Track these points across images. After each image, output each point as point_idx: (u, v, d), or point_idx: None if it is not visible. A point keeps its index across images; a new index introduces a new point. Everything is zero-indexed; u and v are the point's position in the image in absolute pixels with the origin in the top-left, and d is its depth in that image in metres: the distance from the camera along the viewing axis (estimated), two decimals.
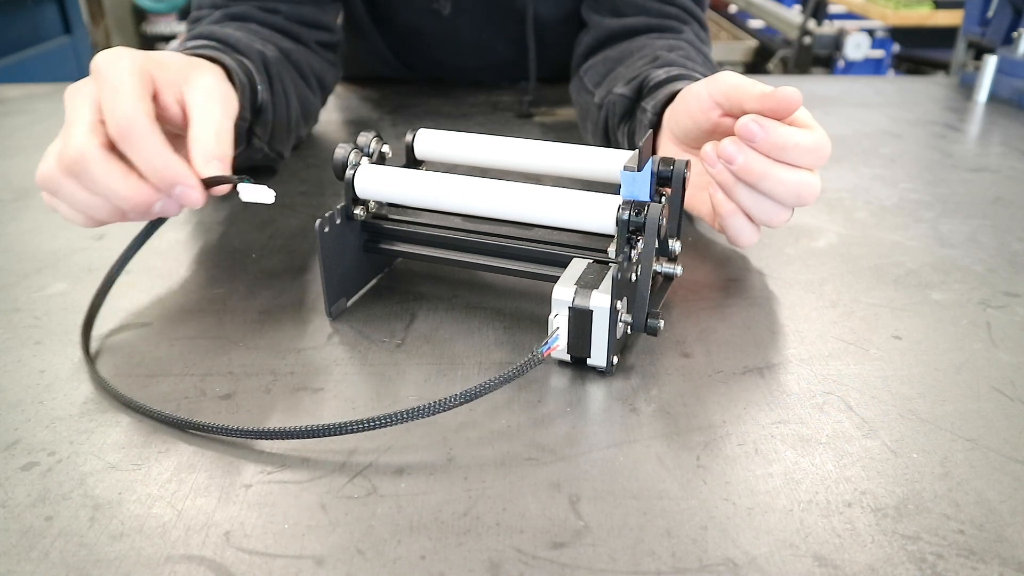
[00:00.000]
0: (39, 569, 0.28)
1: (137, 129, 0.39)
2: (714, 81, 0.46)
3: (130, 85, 0.40)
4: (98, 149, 0.39)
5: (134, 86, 0.40)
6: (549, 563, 0.28)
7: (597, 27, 0.73)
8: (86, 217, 0.43)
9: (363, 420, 0.32)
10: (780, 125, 0.42)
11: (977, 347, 0.41)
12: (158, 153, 0.40)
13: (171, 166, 0.40)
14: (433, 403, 0.32)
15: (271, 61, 0.60)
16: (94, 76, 0.41)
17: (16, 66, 1.91)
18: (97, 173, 0.39)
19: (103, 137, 0.40)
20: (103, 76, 0.41)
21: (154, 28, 3.03)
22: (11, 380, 0.39)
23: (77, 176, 0.40)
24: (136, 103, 0.40)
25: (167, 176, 0.40)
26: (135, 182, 0.40)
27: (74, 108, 0.41)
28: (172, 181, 0.40)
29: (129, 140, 0.39)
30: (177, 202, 0.42)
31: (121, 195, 0.40)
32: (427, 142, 0.49)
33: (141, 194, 0.40)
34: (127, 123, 0.39)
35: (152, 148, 0.40)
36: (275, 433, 0.33)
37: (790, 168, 0.42)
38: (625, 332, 0.40)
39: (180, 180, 0.40)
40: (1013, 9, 0.95)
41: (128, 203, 0.40)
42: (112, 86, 0.40)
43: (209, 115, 0.44)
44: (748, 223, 0.45)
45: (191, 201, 0.41)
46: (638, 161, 0.38)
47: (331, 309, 0.43)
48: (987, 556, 0.28)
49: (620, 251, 0.38)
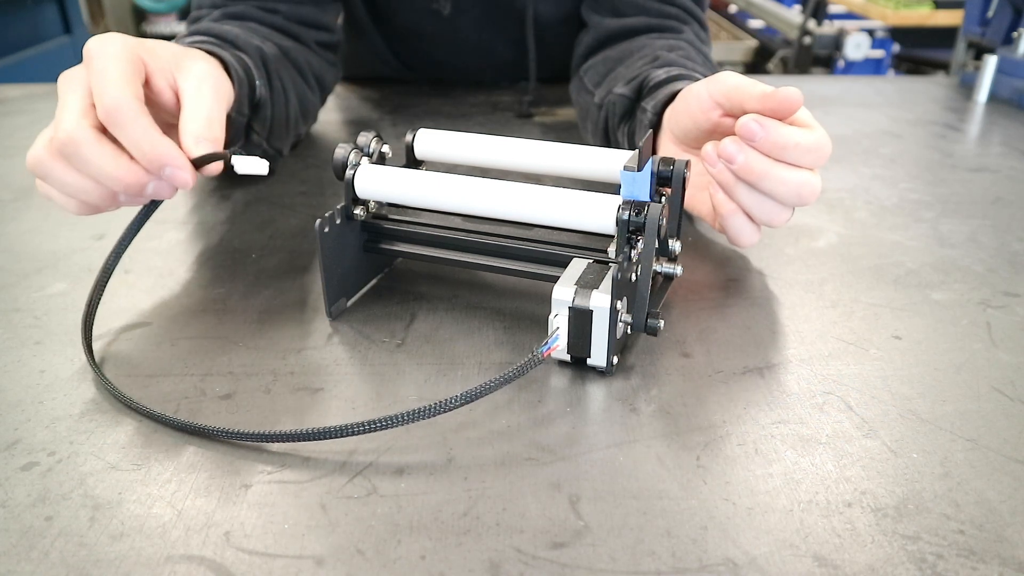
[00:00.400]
0: (39, 569, 0.28)
1: (125, 111, 0.39)
2: (715, 81, 0.46)
3: (119, 69, 0.40)
4: (88, 131, 0.40)
5: (123, 70, 0.41)
6: (549, 563, 0.28)
7: (597, 27, 0.73)
8: (79, 202, 0.43)
9: (364, 422, 0.32)
10: (781, 124, 0.42)
11: (977, 347, 0.41)
12: (146, 135, 0.40)
13: (159, 147, 0.40)
14: (434, 404, 0.32)
15: (270, 58, 0.60)
16: (85, 61, 0.42)
17: (16, 66, 1.91)
18: (88, 154, 0.40)
19: (94, 120, 0.40)
20: (93, 61, 0.41)
21: (154, 28, 3.03)
22: (11, 380, 0.39)
23: (68, 158, 0.40)
24: (124, 86, 0.40)
25: (155, 157, 0.40)
26: (126, 163, 0.40)
27: (65, 92, 0.41)
28: (161, 162, 0.40)
29: (117, 122, 0.40)
30: (169, 183, 0.42)
31: (112, 176, 0.40)
32: (427, 142, 0.49)
33: (132, 175, 0.40)
34: (115, 105, 0.39)
35: (140, 130, 0.40)
36: (276, 436, 0.33)
37: (791, 168, 0.42)
38: (625, 332, 0.40)
39: (169, 161, 0.40)
40: (1013, 9, 0.95)
41: (119, 184, 0.40)
42: (101, 70, 0.40)
43: (201, 99, 0.44)
44: (749, 223, 0.45)
45: (181, 181, 0.41)
46: (638, 161, 0.38)
47: (331, 309, 0.43)
48: (987, 556, 0.28)
49: (620, 251, 0.38)
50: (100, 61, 0.41)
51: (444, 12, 0.81)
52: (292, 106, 0.63)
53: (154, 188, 0.42)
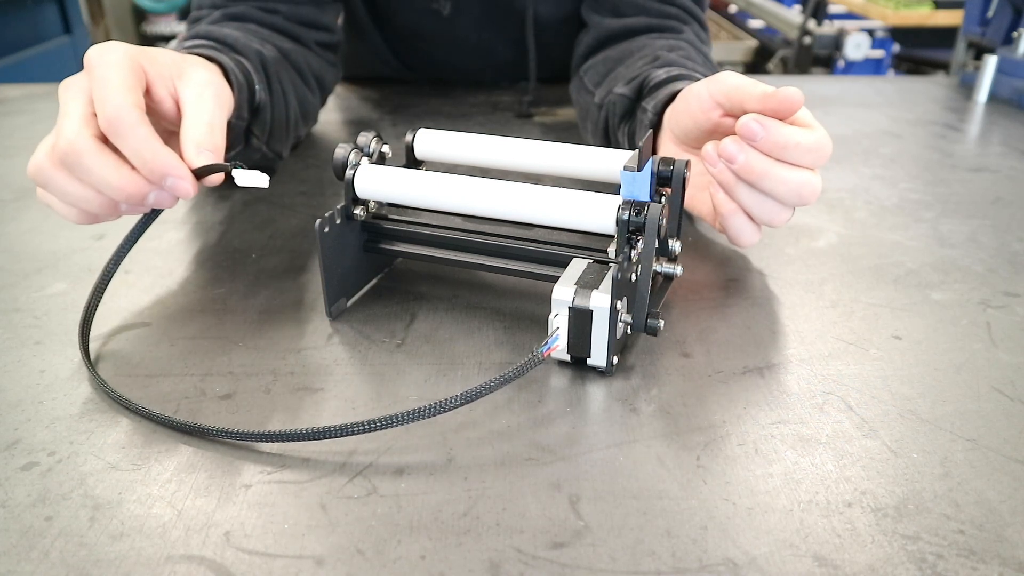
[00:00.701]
0: (39, 569, 0.28)
1: (125, 120, 0.39)
2: (715, 81, 0.46)
3: (120, 78, 0.40)
4: (90, 140, 0.40)
5: (124, 79, 0.40)
6: (549, 563, 0.28)
7: (597, 27, 0.73)
8: (79, 211, 0.43)
9: (363, 422, 0.32)
10: (781, 124, 0.42)
11: (977, 347, 0.41)
12: (147, 144, 0.40)
13: (160, 156, 0.40)
14: (433, 404, 0.32)
15: (269, 61, 0.60)
16: (86, 70, 0.42)
17: (16, 66, 1.91)
18: (89, 163, 0.40)
19: (95, 129, 0.40)
20: (94, 69, 0.41)
21: (154, 28, 3.03)
22: (11, 380, 0.39)
23: (70, 167, 0.40)
24: (125, 95, 0.40)
25: (157, 167, 0.40)
26: (127, 173, 0.40)
27: (66, 101, 0.41)
28: (162, 172, 0.40)
29: (118, 131, 0.40)
30: (170, 193, 0.41)
31: (113, 185, 0.40)
32: (427, 142, 0.49)
33: (133, 185, 0.40)
34: (116, 115, 0.39)
35: (141, 139, 0.40)
36: (275, 436, 0.33)
37: (791, 167, 0.42)
38: (625, 332, 0.40)
39: (170, 171, 0.40)
40: (1013, 9, 0.95)
41: (120, 194, 0.40)
42: (102, 78, 0.40)
43: (202, 107, 0.44)
44: (749, 223, 0.46)
45: (182, 191, 0.41)
46: (638, 161, 0.38)
47: (331, 309, 0.43)
48: (987, 556, 0.28)
49: (620, 251, 0.38)
50: (101, 69, 0.41)
51: (444, 12, 0.81)
52: (292, 109, 0.63)
53: (155, 198, 0.42)
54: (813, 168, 0.43)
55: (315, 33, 0.71)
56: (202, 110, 0.44)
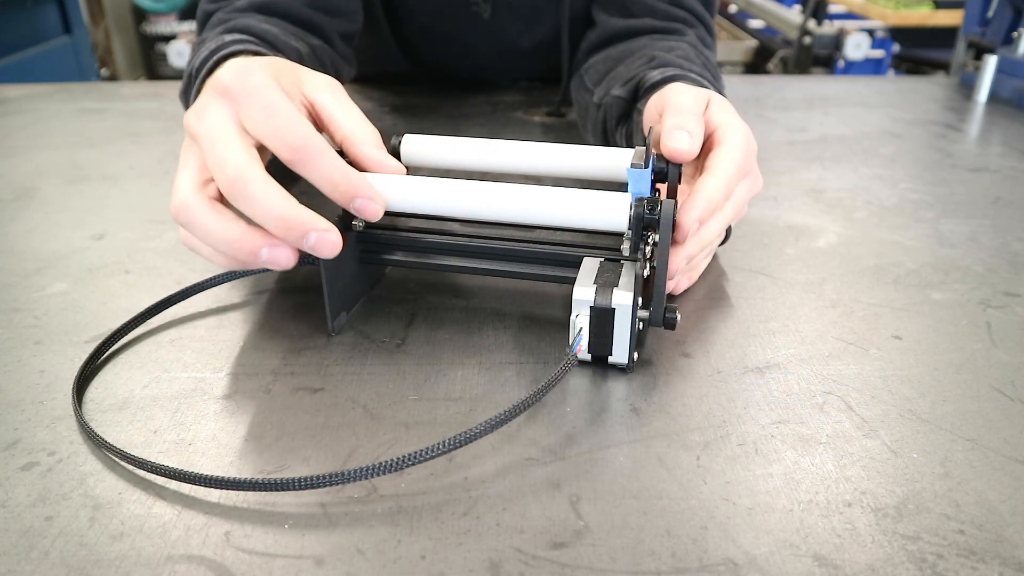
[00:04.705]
0: (39, 569, 0.28)
1: (311, 148, 0.38)
2: (661, 96, 0.47)
3: (282, 101, 0.39)
4: (207, 203, 0.38)
5: (284, 102, 0.39)
6: (549, 563, 0.28)
7: (603, 25, 0.73)
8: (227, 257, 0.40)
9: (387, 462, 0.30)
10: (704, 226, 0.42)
11: (977, 347, 0.41)
12: (338, 167, 0.38)
13: (352, 178, 0.38)
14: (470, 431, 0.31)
15: (305, 59, 0.59)
16: (231, 98, 0.39)
17: (16, 66, 1.91)
18: (254, 193, 0.37)
19: (214, 191, 0.39)
20: (242, 97, 0.39)
21: (154, 28, 3.03)
22: (11, 380, 0.39)
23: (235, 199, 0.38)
24: (300, 122, 0.38)
25: (349, 189, 0.38)
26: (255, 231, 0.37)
27: (183, 167, 0.39)
28: (303, 229, 0.36)
29: (243, 195, 0.37)
30: (303, 249, 0.37)
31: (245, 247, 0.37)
32: (414, 148, 0.48)
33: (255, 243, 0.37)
34: (302, 143, 0.37)
35: (331, 163, 0.38)
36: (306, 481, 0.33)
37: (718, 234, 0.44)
38: (640, 328, 0.40)
39: (360, 192, 0.38)
40: (1013, 9, 0.95)
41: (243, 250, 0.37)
42: (268, 105, 0.38)
43: (350, 108, 0.44)
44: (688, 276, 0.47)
45: (326, 248, 0.37)
46: (645, 157, 0.38)
47: (333, 324, 0.42)
48: (987, 556, 0.28)
49: (636, 248, 0.38)
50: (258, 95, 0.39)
51: (484, 15, 0.81)
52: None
53: (269, 255, 0.38)
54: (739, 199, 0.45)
55: (338, 22, 0.69)
56: (351, 109, 0.44)
